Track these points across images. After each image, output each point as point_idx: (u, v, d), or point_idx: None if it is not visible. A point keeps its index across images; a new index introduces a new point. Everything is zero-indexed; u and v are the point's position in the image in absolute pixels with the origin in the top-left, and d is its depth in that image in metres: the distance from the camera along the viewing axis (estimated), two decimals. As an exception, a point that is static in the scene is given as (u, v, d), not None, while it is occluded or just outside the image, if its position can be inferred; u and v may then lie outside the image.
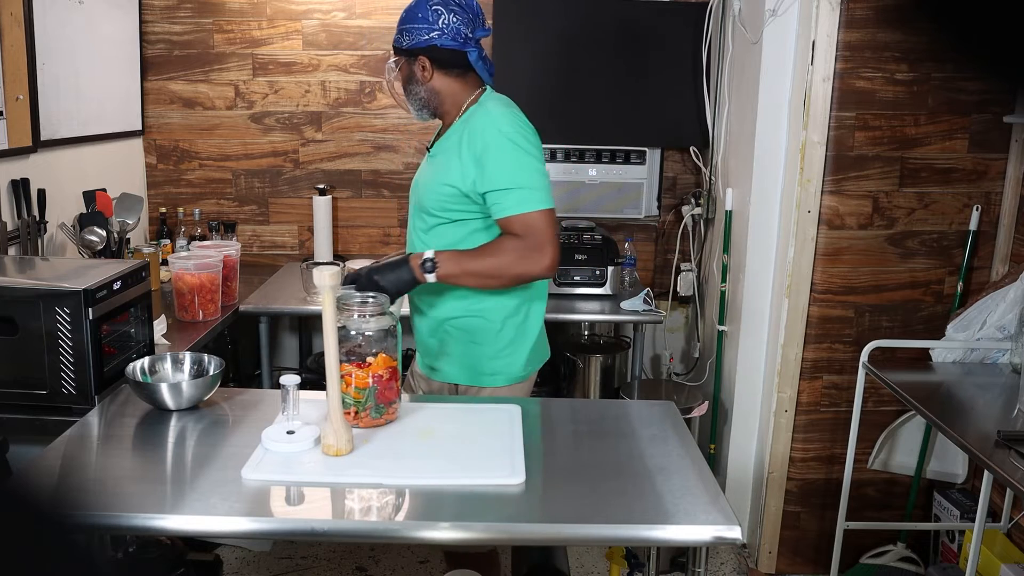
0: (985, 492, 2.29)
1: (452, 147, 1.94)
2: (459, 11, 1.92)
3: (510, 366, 2.04)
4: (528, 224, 1.84)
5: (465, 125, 1.94)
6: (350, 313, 1.71)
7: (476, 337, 2.02)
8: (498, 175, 1.85)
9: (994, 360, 2.46)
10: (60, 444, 1.65)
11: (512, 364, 2.05)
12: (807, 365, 2.75)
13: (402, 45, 1.95)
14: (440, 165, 1.97)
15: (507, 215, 1.86)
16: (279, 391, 1.70)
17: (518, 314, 2.03)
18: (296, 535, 1.66)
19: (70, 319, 1.84)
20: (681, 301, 3.55)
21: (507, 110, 1.93)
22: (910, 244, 2.69)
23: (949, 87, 2.58)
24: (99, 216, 2.74)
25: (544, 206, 1.86)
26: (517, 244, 1.85)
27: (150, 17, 3.33)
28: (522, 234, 1.85)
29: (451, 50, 1.93)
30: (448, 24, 1.90)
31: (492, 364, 2.03)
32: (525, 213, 1.84)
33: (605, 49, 3.31)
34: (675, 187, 3.51)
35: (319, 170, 3.47)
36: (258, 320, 2.87)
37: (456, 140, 1.94)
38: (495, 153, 1.85)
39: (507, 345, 2.03)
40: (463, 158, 1.90)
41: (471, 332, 2.02)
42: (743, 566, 2.93)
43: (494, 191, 1.86)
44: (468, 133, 1.91)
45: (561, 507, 1.46)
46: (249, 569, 2.80)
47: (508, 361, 2.04)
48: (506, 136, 1.86)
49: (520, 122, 1.91)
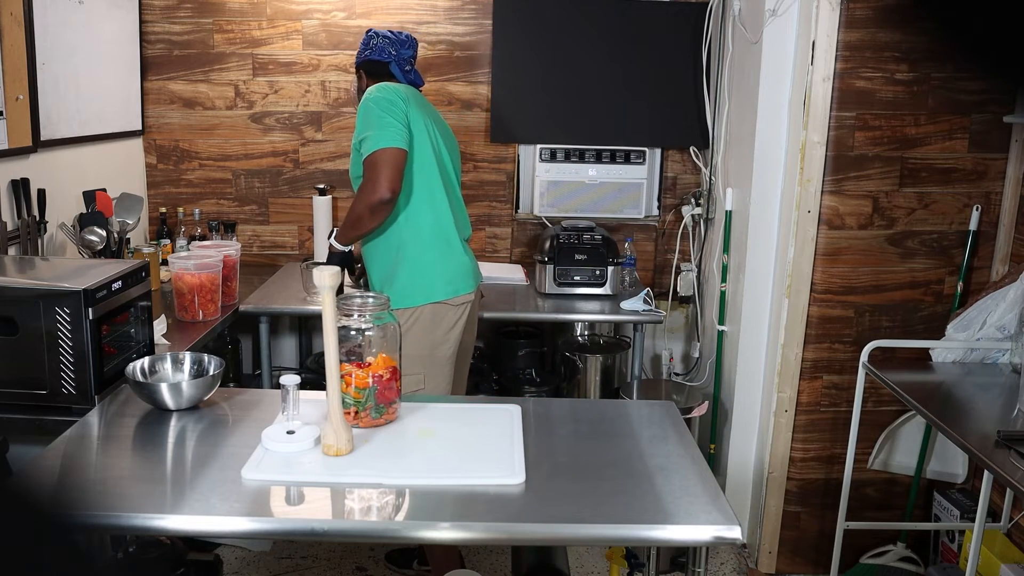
0: (985, 492, 2.29)
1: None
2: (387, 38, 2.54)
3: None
4: (368, 163, 2.27)
5: None
6: (350, 313, 1.71)
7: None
8: (357, 131, 2.34)
9: (994, 360, 2.46)
10: (60, 444, 1.65)
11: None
12: (807, 365, 2.75)
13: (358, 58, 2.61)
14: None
15: (363, 159, 2.30)
16: (279, 391, 1.70)
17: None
18: (296, 535, 1.66)
19: (70, 319, 1.84)
20: (681, 301, 3.55)
21: (376, 86, 2.38)
22: (910, 244, 2.69)
23: (949, 87, 2.58)
24: (99, 216, 2.74)
25: (380, 145, 2.25)
26: (362, 188, 2.30)
27: (150, 17, 3.34)
28: (366, 174, 2.28)
29: (372, 64, 2.54)
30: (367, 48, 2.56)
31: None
32: (368, 155, 2.27)
33: (605, 49, 3.31)
34: (675, 187, 3.51)
35: (319, 170, 3.47)
36: (258, 320, 2.87)
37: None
38: (360, 113, 2.35)
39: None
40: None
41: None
42: (743, 566, 2.93)
43: (357, 144, 2.35)
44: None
45: (561, 507, 1.46)
46: (249, 569, 2.80)
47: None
48: (366, 100, 2.34)
49: (379, 90, 2.34)
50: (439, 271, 2.39)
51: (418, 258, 2.38)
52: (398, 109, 2.32)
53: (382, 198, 2.25)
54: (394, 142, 2.27)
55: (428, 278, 2.38)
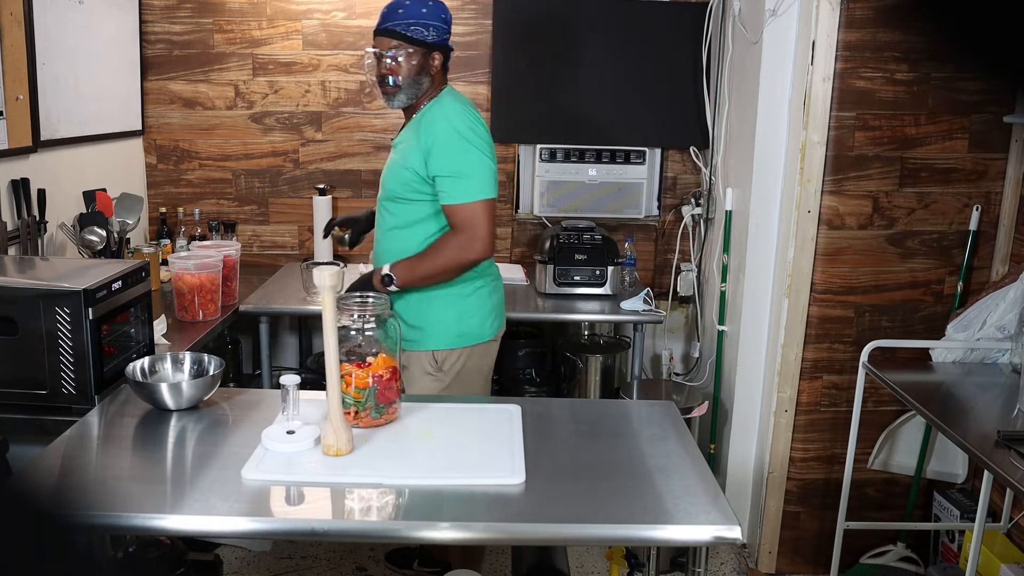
0: (985, 492, 2.29)
1: (411, 136, 2.16)
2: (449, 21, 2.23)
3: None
4: (467, 214, 2.06)
5: (423, 116, 2.16)
6: (350, 313, 1.71)
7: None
8: (444, 163, 2.07)
9: (994, 360, 2.46)
10: (60, 444, 1.65)
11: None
12: (807, 365, 2.75)
13: (426, 39, 2.15)
14: (402, 152, 2.20)
15: (450, 203, 2.08)
16: (279, 391, 1.70)
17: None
18: (296, 535, 1.66)
19: (70, 319, 1.84)
20: (681, 301, 3.55)
21: (459, 105, 2.15)
22: (910, 244, 2.69)
23: (949, 87, 2.58)
24: (99, 216, 2.74)
25: (483, 196, 2.07)
26: (456, 240, 2.08)
27: (150, 17, 3.33)
28: (460, 224, 2.07)
29: (449, 52, 2.22)
30: (450, 31, 2.22)
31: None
32: (465, 203, 2.06)
33: (605, 49, 3.31)
34: (675, 187, 3.51)
35: (319, 170, 3.47)
36: (258, 320, 2.87)
37: (415, 130, 2.16)
38: (443, 142, 2.07)
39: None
40: (420, 145, 2.11)
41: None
42: (743, 566, 2.93)
43: (441, 177, 2.08)
44: (425, 123, 2.13)
45: (561, 507, 1.46)
46: (249, 569, 2.80)
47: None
48: (454, 128, 2.08)
49: (469, 116, 2.13)
50: (491, 306, 2.28)
51: (485, 299, 2.25)
52: (491, 146, 2.13)
53: (482, 257, 2.09)
54: (494, 192, 2.10)
55: (482, 315, 2.25)
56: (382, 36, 2.16)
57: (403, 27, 2.13)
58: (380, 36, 2.17)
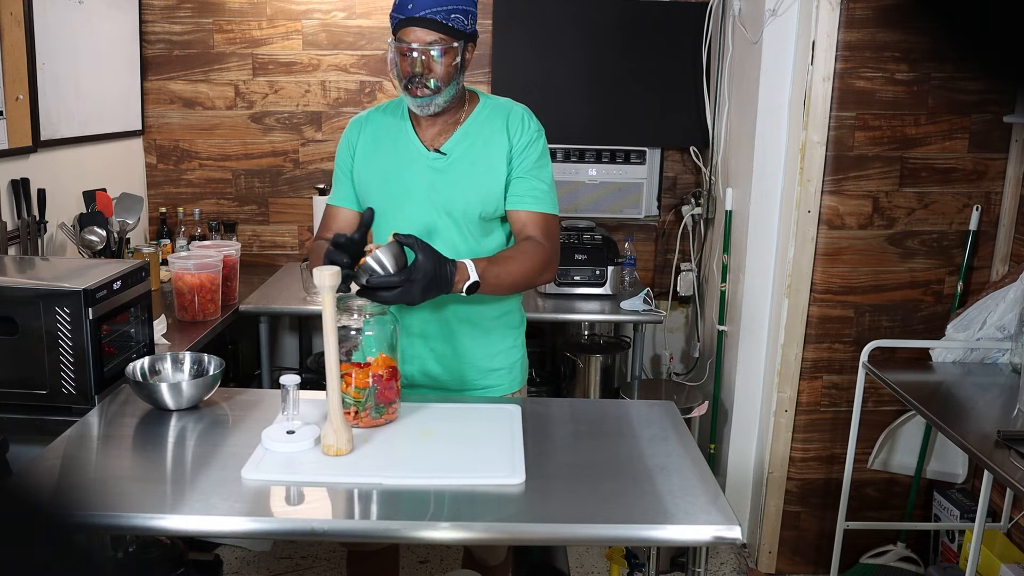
0: (985, 492, 2.29)
1: (479, 144, 1.85)
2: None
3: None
4: (550, 226, 1.88)
5: (490, 120, 1.86)
6: (350, 313, 1.71)
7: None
8: (543, 168, 1.88)
9: (994, 360, 2.46)
10: (60, 444, 1.65)
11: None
12: (807, 365, 2.75)
13: (465, 28, 1.76)
14: (486, 163, 1.85)
15: (543, 211, 1.86)
16: (279, 391, 1.70)
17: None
18: (296, 535, 1.66)
19: (70, 319, 1.84)
20: (681, 301, 3.55)
21: (532, 115, 1.91)
22: (910, 244, 2.69)
23: (949, 87, 2.58)
24: (99, 216, 2.74)
25: (557, 212, 1.92)
26: (547, 252, 1.85)
27: (150, 17, 3.33)
28: (543, 237, 1.86)
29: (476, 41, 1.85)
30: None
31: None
32: (550, 214, 1.88)
33: (605, 49, 3.31)
34: (675, 187, 3.51)
35: (319, 170, 3.47)
36: (258, 320, 2.86)
37: (485, 136, 1.85)
38: (541, 145, 1.87)
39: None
40: (513, 146, 1.84)
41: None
42: (743, 566, 2.93)
43: (538, 182, 1.86)
44: (512, 123, 1.85)
45: (561, 507, 1.46)
46: (249, 569, 2.80)
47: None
48: (541, 135, 1.89)
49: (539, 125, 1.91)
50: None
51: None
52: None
53: (554, 276, 1.94)
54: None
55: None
56: (418, 27, 1.72)
57: (443, 15, 1.72)
58: (415, 27, 1.72)
